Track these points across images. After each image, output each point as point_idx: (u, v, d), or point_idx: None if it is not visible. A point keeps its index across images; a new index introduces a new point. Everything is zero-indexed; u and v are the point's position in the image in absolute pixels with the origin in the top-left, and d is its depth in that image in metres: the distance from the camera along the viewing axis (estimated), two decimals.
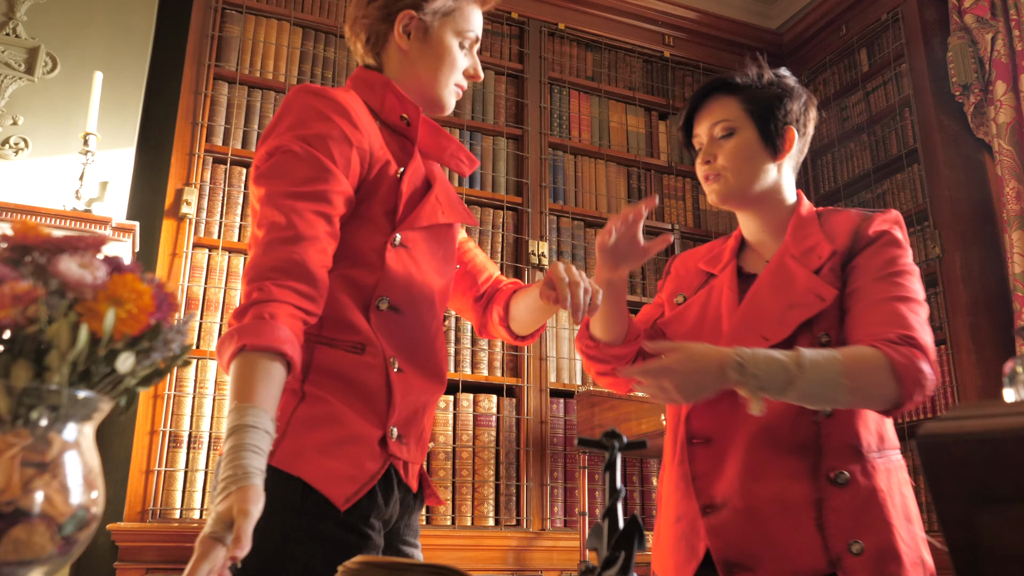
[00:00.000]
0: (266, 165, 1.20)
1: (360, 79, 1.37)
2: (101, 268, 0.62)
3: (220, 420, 2.61)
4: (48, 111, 2.69)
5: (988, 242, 3.10)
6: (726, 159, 1.44)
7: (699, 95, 1.51)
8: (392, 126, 1.34)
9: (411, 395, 1.26)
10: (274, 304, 1.08)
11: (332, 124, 1.21)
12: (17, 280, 0.58)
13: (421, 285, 1.29)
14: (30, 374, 0.59)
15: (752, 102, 1.45)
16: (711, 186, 1.47)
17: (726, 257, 1.51)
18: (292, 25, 3.10)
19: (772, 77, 1.48)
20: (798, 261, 1.39)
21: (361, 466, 1.18)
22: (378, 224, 1.25)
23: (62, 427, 0.61)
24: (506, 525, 2.86)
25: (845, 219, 1.43)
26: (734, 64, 3.85)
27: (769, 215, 1.48)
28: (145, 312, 0.62)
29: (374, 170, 1.25)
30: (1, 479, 0.57)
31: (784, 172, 1.48)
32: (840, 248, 1.39)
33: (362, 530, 1.16)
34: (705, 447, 1.35)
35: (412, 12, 1.34)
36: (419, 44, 1.35)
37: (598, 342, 1.47)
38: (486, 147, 3.30)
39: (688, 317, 1.47)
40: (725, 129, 1.45)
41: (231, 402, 1.02)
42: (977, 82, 3.11)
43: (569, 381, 3.13)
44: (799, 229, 1.44)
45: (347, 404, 1.19)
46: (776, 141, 1.45)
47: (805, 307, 1.34)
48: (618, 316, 1.44)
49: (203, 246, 2.76)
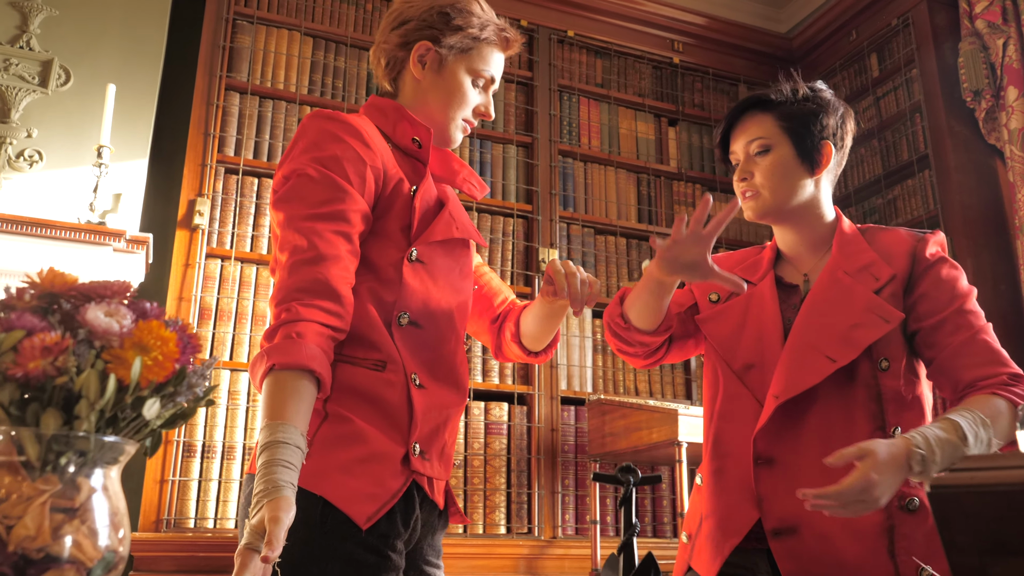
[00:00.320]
0: (283, 189, 1.24)
1: (372, 106, 1.40)
2: (127, 316, 0.63)
3: (234, 430, 2.63)
4: (62, 123, 2.71)
5: (999, 248, 3.10)
6: (763, 176, 1.44)
7: (735, 112, 1.51)
8: (404, 149, 1.37)
9: (433, 410, 1.27)
10: (301, 323, 1.12)
11: (345, 145, 1.24)
12: (47, 331, 0.59)
13: (439, 300, 1.31)
14: (59, 422, 0.60)
15: (787, 118, 1.45)
16: (748, 203, 1.47)
17: (764, 267, 1.51)
18: (303, 35, 3.12)
19: (807, 92, 1.47)
20: (853, 278, 1.39)
21: (383, 484, 1.19)
22: (395, 240, 1.28)
23: (90, 472, 0.63)
24: (518, 533, 2.87)
25: (897, 240, 1.44)
26: (744, 69, 3.85)
27: (807, 230, 1.48)
28: (170, 359, 0.63)
29: (388, 187, 1.28)
30: (31, 526, 0.59)
31: (822, 187, 1.48)
32: (900, 271, 1.39)
33: (382, 551, 1.18)
34: (768, 468, 1.34)
35: (429, 44, 1.37)
36: (433, 76, 1.38)
37: (629, 325, 1.47)
38: (496, 155, 3.31)
39: (728, 320, 1.47)
40: (761, 146, 1.45)
41: (263, 420, 1.06)
42: (988, 88, 3.10)
43: (580, 389, 3.13)
44: (846, 245, 1.44)
45: (369, 422, 1.21)
46: (813, 156, 1.44)
47: (871, 327, 1.34)
48: (658, 310, 1.44)
49: (216, 256, 2.78)
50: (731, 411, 1.42)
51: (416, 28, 1.37)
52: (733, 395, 1.42)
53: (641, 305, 1.44)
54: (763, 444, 1.35)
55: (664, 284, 1.39)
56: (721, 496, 1.39)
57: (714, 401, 1.47)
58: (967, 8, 3.21)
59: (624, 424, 2.75)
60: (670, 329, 1.50)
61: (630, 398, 2.96)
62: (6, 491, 0.60)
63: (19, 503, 0.59)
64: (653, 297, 1.41)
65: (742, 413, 1.40)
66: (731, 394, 1.43)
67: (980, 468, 0.54)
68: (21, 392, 0.59)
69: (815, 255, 1.48)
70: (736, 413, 1.41)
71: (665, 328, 1.48)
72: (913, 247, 1.42)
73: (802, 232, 1.48)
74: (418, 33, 1.37)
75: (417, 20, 1.37)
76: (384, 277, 1.26)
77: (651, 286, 1.40)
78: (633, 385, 3.24)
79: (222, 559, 2.43)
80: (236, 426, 2.64)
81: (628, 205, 3.49)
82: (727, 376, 1.44)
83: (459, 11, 1.37)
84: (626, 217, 3.47)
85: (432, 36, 1.36)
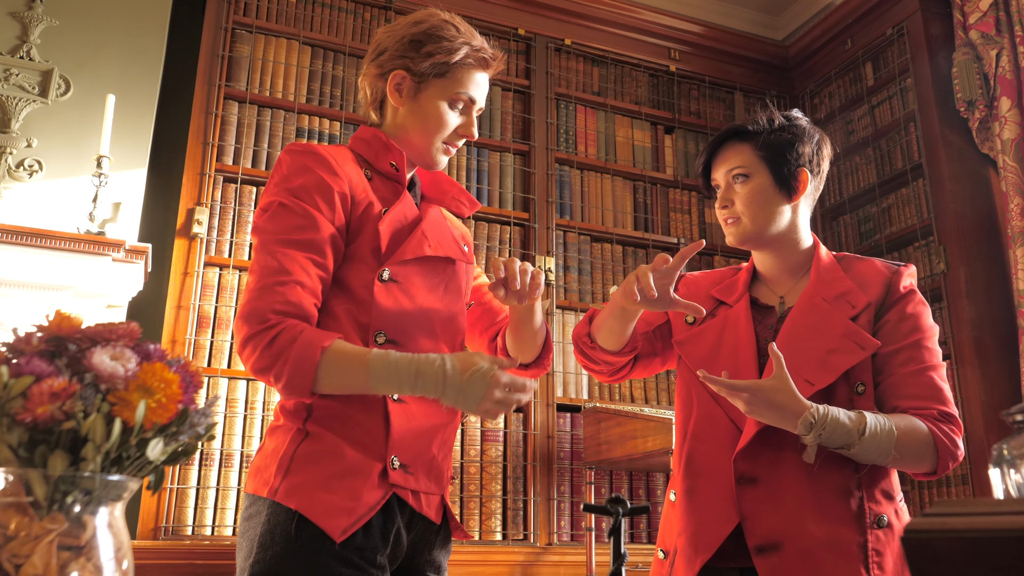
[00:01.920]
0: (261, 219, 1.31)
1: (358, 136, 1.47)
2: (132, 359, 0.65)
3: (232, 437, 2.65)
4: (62, 133, 2.73)
5: (993, 257, 3.12)
6: (742, 203, 1.51)
7: (715, 143, 1.58)
8: (386, 174, 1.42)
9: (412, 423, 1.31)
10: (293, 325, 1.21)
11: (313, 174, 1.32)
12: (54, 376, 0.62)
13: (416, 317, 1.34)
14: (66, 463, 0.62)
15: (764, 148, 1.51)
16: (729, 229, 1.54)
17: (740, 288, 1.56)
18: (301, 44, 3.14)
19: (783, 121, 1.54)
20: (831, 305, 1.45)
21: (358, 498, 1.23)
22: (367, 262, 1.33)
23: (95, 510, 0.65)
24: (513, 540, 2.90)
25: (873, 270, 1.50)
26: (740, 77, 3.87)
27: (785, 255, 1.54)
28: (173, 400, 0.65)
29: (358, 211, 1.34)
30: (40, 564, 0.61)
31: (800, 213, 1.54)
32: (874, 300, 1.46)
33: (358, 564, 1.21)
34: (751, 487, 1.38)
35: (404, 73, 1.41)
36: (410, 103, 1.42)
37: (596, 345, 1.54)
38: (493, 163, 3.33)
39: (704, 342, 1.52)
40: (740, 174, 1.52)
41: (366, 379, 1.19)
42: (982, 98, 3.13)
43: (576, 396, 3.16)
44: (824, 273, 1.50)
45: (346, 439, 1.26)
46: (791, 183, 1.51)
47: (847, 353, 1.40)
48: (623, 334, 1.51)
49: (214, 265, 2.80)
50: (705, 432, 1.47)
51: (390, 58, 1.42)
52: (707, 415, 1.47)
53: (607, 328, 1.51)
54: (744, 464, 1.39)
55: (627, 311, 1.46)
56: (692, 515, 1.43)
57: (687, 421, 1.51)
58: (961, 19, 3.23)
59: (619, 432, 2.78)
60: (635, 350, 1.57)
61: (626, 406, 2.99)
62: (15, 530, 0.62)
63: (27, 542, 0.61)
64: (618, 322, 1.48)
65: (716, 433, 1.45)
66: (705, 414, 1.47)
67: (951, 514, 0.56)
68: (30, 435, 0.61)
69: (792, 278, 1.55)
70: (710, 433, 1.46)
71: (630, 349, 1.55)
72: (889, 278, 1.48)
73: (781, 256, 1.55)
74: (392, 63, 1.41)
75: (391, 50, 1.42)
76: (359, 298, 1.31)
77: (616, 312, 1.47)
78: (629, 393, 3.26)
79: (219, 567, 2.45)
80: (234, 434, 2.66)
81: (624, 213, 3.51)
82: (701, 397, 1.49)
83: (431, 37, 1.40)
84: (622, 225, 3.49)
85: (405, 65, 1.41)
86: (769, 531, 1.35)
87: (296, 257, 1.25)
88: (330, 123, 3.11)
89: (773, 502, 1.36)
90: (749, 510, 1.37)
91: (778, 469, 1.38)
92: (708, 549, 1.38)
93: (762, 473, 1.38)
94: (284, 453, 1.25)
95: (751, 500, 1.37)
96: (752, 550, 1.35)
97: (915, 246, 3.30)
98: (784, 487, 1.37)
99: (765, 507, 1.36)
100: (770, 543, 1.35)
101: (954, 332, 3.02)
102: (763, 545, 1.35)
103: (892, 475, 1.43)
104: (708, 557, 1.38)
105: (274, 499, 1.22)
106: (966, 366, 2.97)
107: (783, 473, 1.37)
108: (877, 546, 1.35)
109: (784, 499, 1.36)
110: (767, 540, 1.35)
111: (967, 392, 2.95)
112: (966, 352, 2.98)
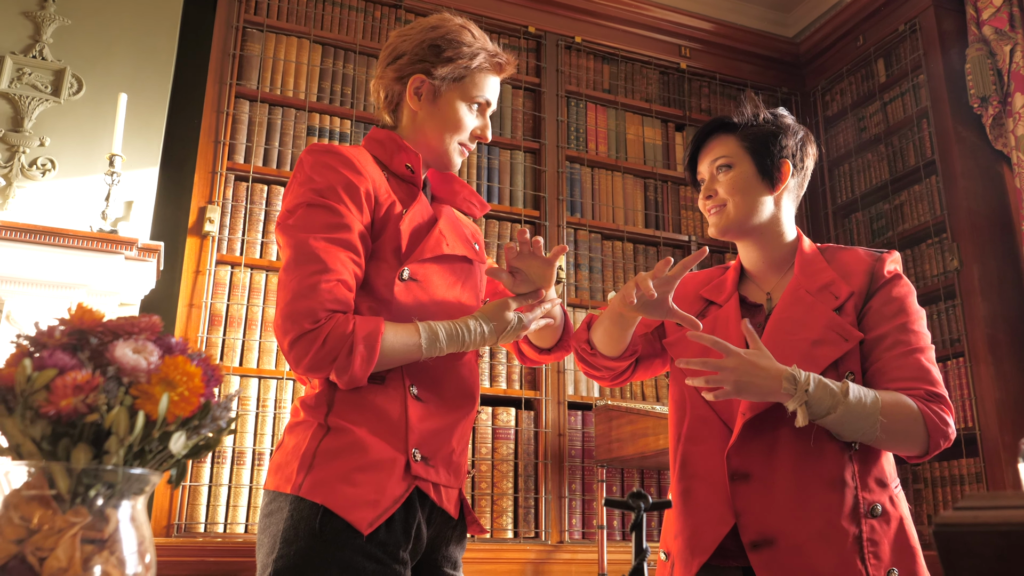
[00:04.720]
0: (290, 220, 1.31)
1: (371, 138, 1.48)
2: (154, 352, 0.65)
3: (244, 435, 2.66)
4: (74, 132, 2.74)
5: (1006, 254, 3.10)
6: (725, 191, 1.52)
7: (700, 135, 1.60)
8: (400, 175, 1.44)
9: (432, 417, 1.32)
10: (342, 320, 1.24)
11: (338, 174, 1.33)
12: (77, 368, 0.61)
13: (435, 314, 1.36)
14: (89, 456, 0.62)
15: (748, 138, 1.53)
16: (712, 218, 1.55)
17: (728, 288, 1.57)
18: (312, 43, 3.14)
19: (768, 116, 1.56)
20: (814, 297, 1.45)
21: (383, 491, 1.24)
22: (388, 261, 1.35)
23: (118, 503, 0.65)
24: (525, 538, 2.89)
25: (855, 259, 1.50)
26: (751, 74, 3.86)
27: (769, 248, 1.54)
28: (196, 393, 0.65)
29: (380, 211, 1.36)
30: (63, 557, 0.61)
31: (783, 206, 1.55)
32: (857, 289, 1.46)
33: (382, 558, 1.21)
34: (745, 484, 1.38)
35: (423, 77, 1.43)
36: (429, 106, 1.45)
37: (595, 351, 1.55)
38: (503, 161, 3.33)
39: (695, 343, 1.51)
40: (724, 164, 1.53)
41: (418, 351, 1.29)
42: (995, 94, 3.11)
43: (587, 394, 3.15)
44: (807, 265, 1.51)
45: (370, 432, 1.27)
46: (773, 173, 1.52)
47: (832, 345, 1.40)
48: (622, 339, 1.51)
49: (226, 263, 2.80)
50: (698, 433, 1.46)
51: (409, 62, 1.44)
52: (700, 417, 1.47)
53: (605, 334, 1.51)
54: (737, 461, 1.39)
55: (625, 317, 1.46)
56: (689, 517, 1.43)
57: (681, 423, 1.51)
58: (974, 14, 3.21)
59: (631, 430, 2.77)
60: (635, 354, 1.57)
61: (637, 404, 2.98)
62: (38, 523, 0.62)
63: (51, 535, 0.61)
64: (616, 328, 1.49)
65: (709, 435, 1.45)
66: (698, 416, 1.47)
67: (983, 507, 0.56)
68: (53, 428, 0.61)
69: (777, 273, 1.55)
70: (703, 435, 1.46)
71: (630, 353, 1.55)
72: (871, 266, 1.48)
73: (764, 250, 1.55)
74: (411, 67, 1.44)
75: (410, 55, 1.44)
76: (380, 297, 1.33)
77: (614, 318, 1.47)
78: (640, 391, 3.26)
79: (232, 564, 2.45)
80: (247, 431, 2.66)
81: (635, 210, 3.50)
82: (694, 399, 1.49)
83: (449, 42, 1.43)
84: (633, 222, 3.48)
85: (425, 69, 1.43)
86: (763, 527, 1.36)
87: (337, 255, 1.27)
88: (341, 121, 3.11)
89: (766, 498, 1.36)
90: (743, 507, 1.37)
91: (771, 462, 1.38)
92: (705, 552, 1.38)
93: (755, 468, 1.38)
94: (307, 449, 1.26)
95: (745, 497, 1.38)
96: (747, 546, 1.35)
97: (928, 243, 3.28)
98: (777, 481, 1.37)
99: (759, 503, 1.37)
100: (764, 538, 1.35)
101: (967, 330, 3.00)
102: (757, 541, 1.35)
103: (885, 462, 1.42)
104: (705, 560, 1.38)
105: (297, 494, 1.22)
106: (980, 363, 2.95)
107: (776, 466, 1.37)
108: (872, 536, 1.34)
109: (777, 494, 1.36)
110: (761, 536, 1.35)
111: (981, 390, 2.94)
112: (979, 349, 2.96)
